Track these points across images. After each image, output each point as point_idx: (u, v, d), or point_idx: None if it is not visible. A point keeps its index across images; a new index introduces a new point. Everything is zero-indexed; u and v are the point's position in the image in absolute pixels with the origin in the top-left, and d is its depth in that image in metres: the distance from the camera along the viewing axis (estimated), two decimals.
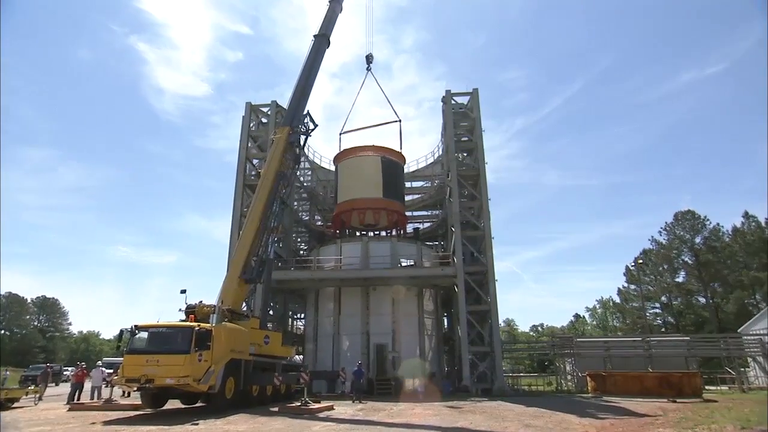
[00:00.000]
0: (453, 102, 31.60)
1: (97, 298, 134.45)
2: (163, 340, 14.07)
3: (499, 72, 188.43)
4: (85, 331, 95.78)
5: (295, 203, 36.41)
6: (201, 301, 16.84)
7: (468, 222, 29.54)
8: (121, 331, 14.71)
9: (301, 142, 22.98)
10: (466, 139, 31.63)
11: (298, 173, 30.36)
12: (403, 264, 29.29)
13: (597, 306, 73.24)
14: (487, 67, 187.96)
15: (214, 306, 16.51)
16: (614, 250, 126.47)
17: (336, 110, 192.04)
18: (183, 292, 16.66)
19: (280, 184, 21.07)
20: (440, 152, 37.02)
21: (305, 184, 38.14)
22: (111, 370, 18.92)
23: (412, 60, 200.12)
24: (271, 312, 29.45)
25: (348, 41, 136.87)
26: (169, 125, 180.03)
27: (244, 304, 20.44)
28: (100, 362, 23.52)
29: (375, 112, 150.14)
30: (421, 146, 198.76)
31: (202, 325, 14.50)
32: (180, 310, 16.52)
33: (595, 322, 73.22)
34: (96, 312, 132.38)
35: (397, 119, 35.27)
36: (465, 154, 32.85)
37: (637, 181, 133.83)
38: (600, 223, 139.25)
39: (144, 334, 14.31)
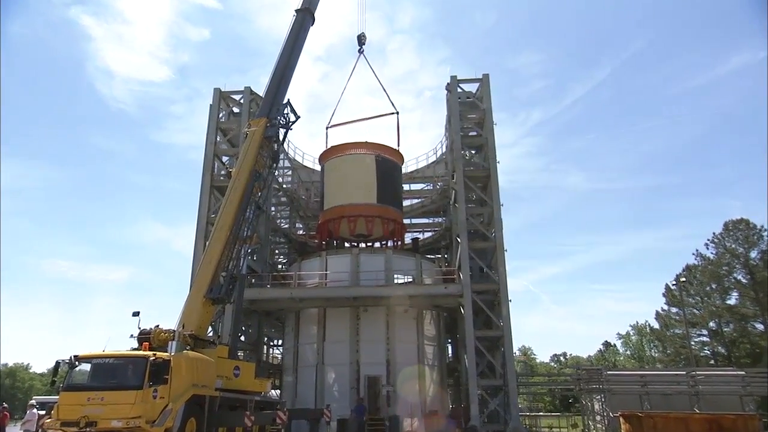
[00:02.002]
0: (459, 90, 31.79)
1: (29, 323, 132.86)
2: (109, 373, 13.80)
3: (513, 56, 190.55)
4: (10, 364, 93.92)
5: (273, 209, 36.52)
6: (158, 326, 16.69)
7: (476, 231, 29.56)
8: (57, 363, 14.43)
9: (281, 137, 23.11)
10: (474, 134, 31.79)
11: (276, 173, 30.48)
12: (400, 281, 29.23)
13: (631, 332, 73.15)
14: (498, 51, 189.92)
15: (174, 331, 16.41)
16: (651, 265, 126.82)
17: (321, 100, 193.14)
18: (136, 314, 16.50)
19: (255, 185, 21.12)
20: (444, 149, 37.22)
21: (285, 186, 38.27)
22: (43, 412, 18.56)
23: (411, 42, 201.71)
24: (242, 338, 29.37)
25: (335, 19, 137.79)
26: (121, 115, 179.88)
27: (210, 329, 20.33)
28: (33, 401, 23.13)
29: (367, 102, 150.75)
30: (421, 142, 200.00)
31: (159, 354, 14.29)
32: (132, 336, 16.38)
33: (629, 352, 73.17)
34: (26, 340, 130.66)
35: (394, 111, 35.45)
36: (473, 152, 32.90)
37: (678, 183, 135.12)
38: (633, 233, 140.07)
39: (86, 366, 14.03)
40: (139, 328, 16.47)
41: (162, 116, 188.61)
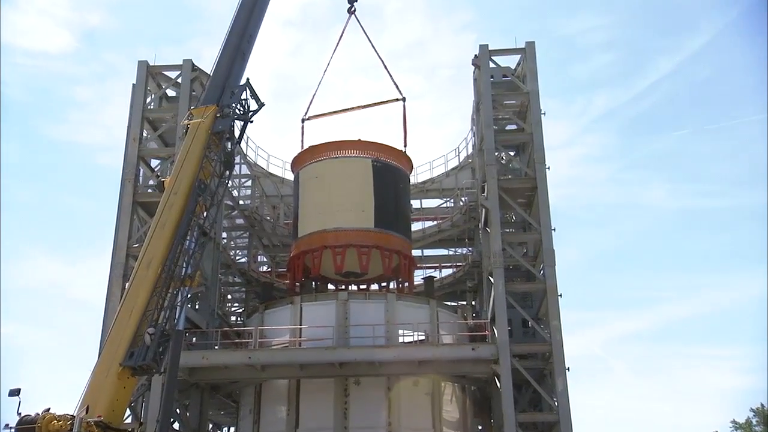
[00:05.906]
0: (492, 66, 31.92)
1: None
2: None
3: (565, 19, 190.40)
4: None
5: (225, 235, 36.34)
6: (47, 409, 16.31)
7: (517, 268, 29.85)
8: None
9: (237, 132, 23.14)
10: (513, 127, 32.20)
11: (230, 184, 30.46)
12: (408, 339, 29.17)
13: (753, 420, 72.90)
14: (543, 12, 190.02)
15: (72, 417, 16.09)
16: None
17: (294, 82, 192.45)
18: (14, 393, 16.09)
19: (200, 201, 20.96)
20: (470, 150, 37.49)
21: (242, 202, 38.49)
22: None
23: (418, 0, 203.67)
24: (176, 425, 29.09)
25: None
26: (2, 102, 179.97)
27: (128, 412, 20.36)
28: None
29: (359, 84, 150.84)
30: (437, 141, 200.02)
31: None
32: (7, 427, 16.09)
33: None
34: None
35: (400, 97, 35.71)
36: (512, 154, 33.17)
37: None
38: (749, 273, 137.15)
39: None
40: (19, 413, 16.04)
41: (60, 102, 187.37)
